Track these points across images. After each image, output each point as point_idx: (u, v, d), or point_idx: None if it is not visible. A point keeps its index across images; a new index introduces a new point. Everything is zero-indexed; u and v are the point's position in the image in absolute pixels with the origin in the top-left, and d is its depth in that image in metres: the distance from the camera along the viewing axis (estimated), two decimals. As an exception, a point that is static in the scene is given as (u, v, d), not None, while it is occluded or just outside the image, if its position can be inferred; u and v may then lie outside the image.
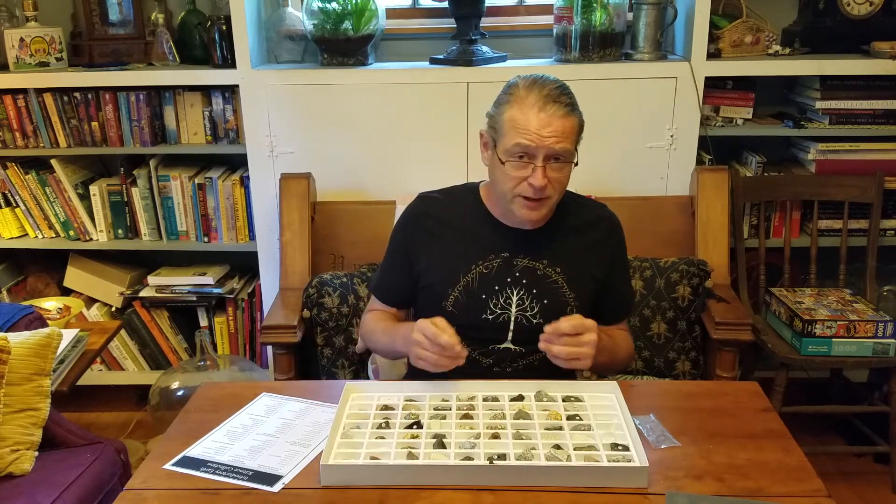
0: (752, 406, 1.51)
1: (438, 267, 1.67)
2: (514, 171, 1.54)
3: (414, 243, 1.70)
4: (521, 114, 1.51)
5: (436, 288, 1.66)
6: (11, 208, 2.80)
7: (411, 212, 1.73)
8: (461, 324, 1.62)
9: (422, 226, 1.70)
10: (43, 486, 1.74)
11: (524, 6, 2.80)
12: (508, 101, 1.55)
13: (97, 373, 2.91)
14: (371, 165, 2.57)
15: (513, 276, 1.64)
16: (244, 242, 2.76)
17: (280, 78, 2.53)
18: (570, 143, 1.53)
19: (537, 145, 1.50)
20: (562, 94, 1.53)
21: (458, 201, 1.72)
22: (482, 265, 1.64)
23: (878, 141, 2.53)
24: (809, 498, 1.25)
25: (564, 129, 1.51)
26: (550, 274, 1.64)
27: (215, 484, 1.30)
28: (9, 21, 2.75)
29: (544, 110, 1.50)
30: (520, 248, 1.65)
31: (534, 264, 1.64)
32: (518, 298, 1.63)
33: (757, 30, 2.55)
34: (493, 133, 1.58)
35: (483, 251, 1.65)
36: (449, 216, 1.70)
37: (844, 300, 2.38)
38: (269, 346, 2.21)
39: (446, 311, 1.64)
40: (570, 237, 1.68)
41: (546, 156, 1.51)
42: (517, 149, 1.52)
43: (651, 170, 2.53)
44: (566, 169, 1.56)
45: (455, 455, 1.31)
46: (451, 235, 1.68)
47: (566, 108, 1.52)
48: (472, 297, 1.64)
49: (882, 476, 2.46)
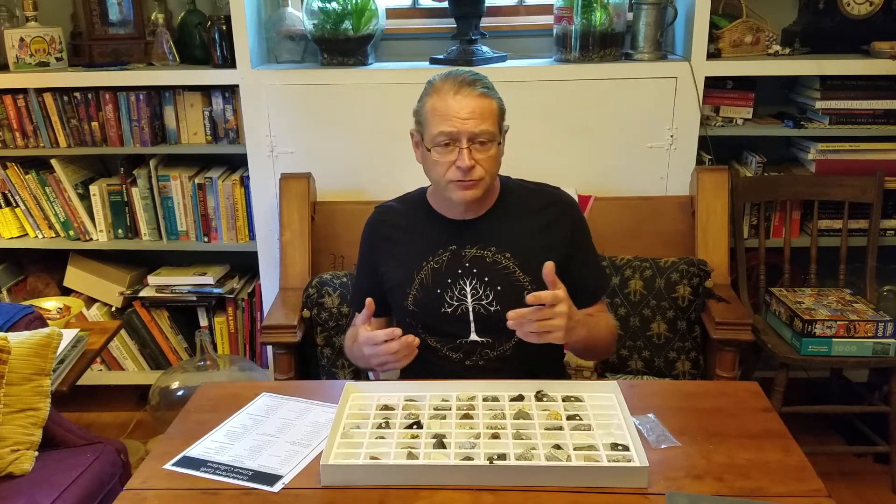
0: (752, 406, 1.51)
1: (396, 269, 1.72)
2: (441, 157, 1.59)
3: (375, 252, 1.76)
4: (439, 101, 1.58)
5: (396, 290, 1.71)
6: (11, 208, 2.80)
7: (370, 222, 1.80)
8: (424, 321, 1.69)
9: (380, 234, 1.77)
10: (43, 486, 1.74)
11: (524, 6, 2.80)
12: (428, 93, 1.63)
13: (97, 373, 2.91)
14: (371, 165, 2.57)
15: (463, 268, 1.67)
16: (244, 242, 2.76)
17: (280, 78, 2.53)
18: (490, 124, 1.58)
19: (459, 129, 1.56)
20: (476, 80, 1.60)
21: (408, 206, 1.78)
22: (432, 261, 1.68)
23: (878, 141, 2.53)
24: (809, 498, 1.25)
25: (482, 109, 1.57)
26: (500, 260, 1.67)
27: (215, 484, 1.30)
28: (9, 21, 2.75)
29: (460, 93, 1.57)
30: (467, 240, 1.68)
31: (482, 252, 1.67)
32: (472, 288, 1.66)
33: (757, 30, 2.55)
34: (420, 127, 1.65)
35: (432, 247, 1.69)
36: (402, 221, 1.76)
37: (844, 300, 2.38)
38: (269, 346, 2.21)
39: (408, 310, 1.69)
40: (518, 222, 1.70)
41: (469, 138, 1.56)
42: (441, 136, 1.57)
43: (651, 170, 2.53)
44: (492, 149, 1.60)
45: (455, 455, 1.31)
46: (405, 238, 1.73)
47: (481, 90, 1.58)
48: (427, 292, 1.67)
49: (882, 476, 2.46)
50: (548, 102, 2.49)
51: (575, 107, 2.48)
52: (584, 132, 2.52)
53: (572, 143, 2.51)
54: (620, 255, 2.31)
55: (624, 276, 2.27)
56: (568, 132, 2.50)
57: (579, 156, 2.53)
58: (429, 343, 1.70)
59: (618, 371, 2.26)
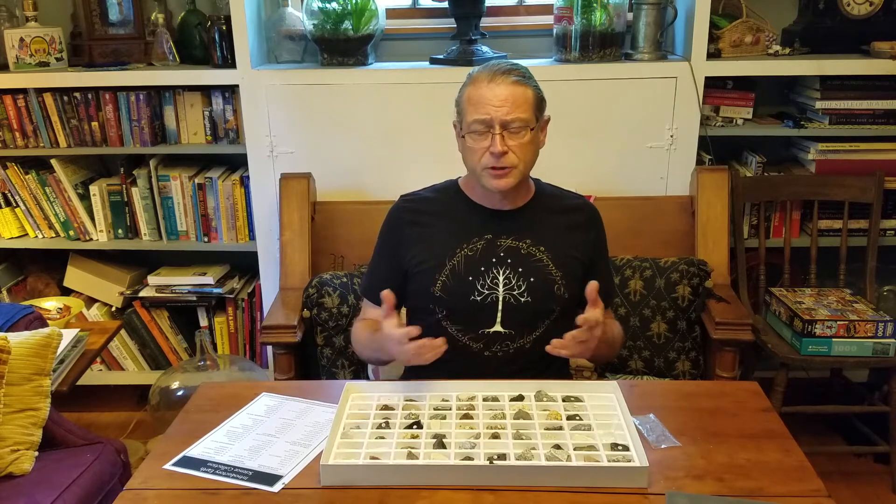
0: (752, 406, 1.52)
1: (425, 254, 1.70)
2: (475, 144, 1.61)
3: (401, 239, 1.74)
4: (474, 90, 1.61)
5: (424, 274, 1.70)
6: (11, 208, 2.80)
7: (395, 210, 1.79)
8: (450, 307, 1.68)
9: (407, 221, 1.75)
10: (43, 486, 1.74)
11: (524, 6, 2.80)
12: (466, 84, 1.65)
13: (97, 373, 2.91)
14: (371, 165, 2.57)
15: (497, 257, 1.67)
16: (244, 242, 2.76)
17: (280, 78, 2.53)
18: (523, 111, 1.59)
19: (491, 116, 1.57)
20: (513, 69, 1.62)
21: (439, 194, 1.78)
22: (466, 248, 1.68)
23: (878, 141, 2.53)
24: (809, 498, 1.25)
25: (515, 96, 1.58)
26: (535, 252, 1.68)
27: (215, 484, 1.30)
28: (9, 21, 2.75)
29: (493, 81, 1.59)
30: (503, 229, 1.69)
31: (517, 244, 1.68)
32: (504, 278, 1.66)
33: (757, 30, 2.55)
34: (458, 118, 1.67)
35: (467, 234, 1.69)
36: (433, 207, 1.75)
37: (844, 300, 2.38)
38: (269, 346, 2.21)
39: (435, 295, 1.67)
40: (552, 218, 1.73)
41: (501, 124, 1.58)
42: (475, 123, 1.60)
43: (651, 170, 2.53)
44: (526, 136, 1.60)
45: (455, 455, 1.31)
46: (436, 224, 1.73)
47: (517, 78, 1.60)
48: (458, 279, 1.67)
49: (882, 476, 2.46)
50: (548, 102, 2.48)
51: (575, 107, 2.48)
52: (584, 132, 2.51)
53: (572, 143, 2.51)
54: (620, 255, 2.31)
55: (624, 276, 2.27)
56: (568, 132, 2.50)
57: (579, 155, 2.53)
58: (449, 331, 1.68)
59: (618, 371, 2.26)
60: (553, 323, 1.69)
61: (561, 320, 1.68)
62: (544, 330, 1.68)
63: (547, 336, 1.64)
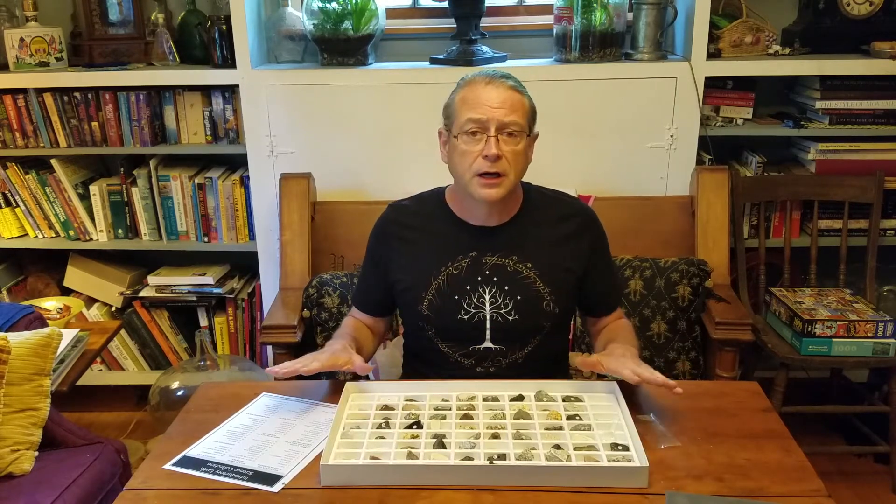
0: (752, 406, 1.51)
1: (410, 272, 1.68)
2: (468, 146, 1.56)
3: (386, 252, 1.72)
4: (470, 92, 1.58)
5: (410, 293, 1.68)
6: (11, 208, 2.80)
7: (382, 221, 1.75)
8: (438, 326, 1.66)
9: (393, 233, 1.72)
10: (43, 486, 1.74)
11: (524, 6, 2.80)
12: (460, 87, 1.62)
13: (97, 373, 2.91)
14: (371, 165, 2.57)
15: (483, 275, 1.64)
16: (244, 242, 2.76)
17: (280, 78, 2.53)
18: (519, 116, 1.56)
19: (488, 117, 1.54)
20: (508, 76, 1.60)
21: (425, 206, 1.73)
22: (451, 266, 1.65)
23: (878, 141, 2.53)
24: (809, 498, 1.25)
25: (513, 101, 1.56)
26: (522, 270, 1.65)
27: (215, 484, 1.30)
28: (9, 21, 2.75)
29: (491, 84, 1.57)
30: (488, 247, 1.65)
31: (503, 261, 1.65)
32: (491, 297, 1.64)
33: (757, 30, 2.55)
34: (448, 121, 1.62)
35: (451, 252, 1.66)
36: (418, 221, 1.71)
37: (844, 300, 2.38)
38: (269, 346, 2.21)
39: (423, 314, 1.66)
40: (540, 232, 1.67)
41: (497, 127, 1.54)
42: (469, 124, 1.55)
43: (651, 170, 2.53)
44: (520, 143, 1.57)
45: (455, 455, 1.31)
46: (421, 240, 1.69)
47: (514, 84, 1.59)
48: (445, 298, 1.64)
49: (882, 476, 2.46)
50: (548, 102, 2.45)
51: (575, 107, 2.48)
52: (584, 132, 2.51)
53: (572, 143, 2.51)
54: (620, 255, 2.31)
55: (624, 276, 2.27)
56: (568, 132, 2.50)
57: (579, 156, 2.53)
58: (440, 348, 1.68)
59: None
60: (545, 337, 1.67)
61: (553, 334, 1.68)
62: (536, 345, 1.67)
63: (539, 350, 1.65)
